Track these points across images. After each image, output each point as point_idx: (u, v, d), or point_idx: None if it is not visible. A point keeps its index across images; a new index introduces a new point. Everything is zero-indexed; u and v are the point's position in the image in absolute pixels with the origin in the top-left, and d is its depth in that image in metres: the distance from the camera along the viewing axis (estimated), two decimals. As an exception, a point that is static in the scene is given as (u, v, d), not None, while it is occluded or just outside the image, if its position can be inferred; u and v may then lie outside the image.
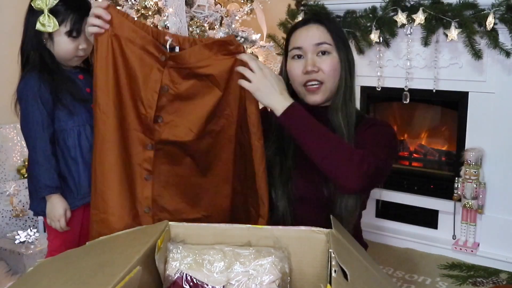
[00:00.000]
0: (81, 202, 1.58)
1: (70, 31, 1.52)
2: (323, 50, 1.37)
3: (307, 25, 1.41)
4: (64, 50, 1.54)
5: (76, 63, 1.61)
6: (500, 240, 2.37)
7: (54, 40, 1.54)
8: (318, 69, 1.36)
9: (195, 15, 2.52)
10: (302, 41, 1.38)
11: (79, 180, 1.58)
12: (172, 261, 1.03)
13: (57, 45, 1.54)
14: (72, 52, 1.55)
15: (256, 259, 1.00)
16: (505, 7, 2.13)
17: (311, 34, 1.38)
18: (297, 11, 2.64)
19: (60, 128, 1.57)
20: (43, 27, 1.51)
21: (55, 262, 1.03)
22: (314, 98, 1.38)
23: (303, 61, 1.37)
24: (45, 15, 1.49)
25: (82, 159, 1.57)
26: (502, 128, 2.34)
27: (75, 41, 1.54)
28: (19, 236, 2.32)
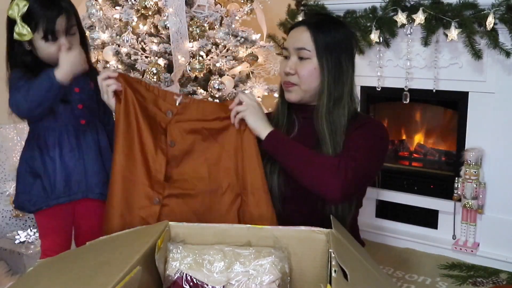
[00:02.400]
0: (54, 202, 1.57)
1: (45, 36, 1.46)
2: (301, 56, 1.41)
3: (298, 27, 1.45)
4: (46, 55, 1.49)
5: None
6: (500, 240, 2.37)
7: (35, 45, 1.49)
8: (295, 72, 1.42)
9: (195, 15, 2.52)
10: (288, 43, 1.46)
11: (54, 180, 1.55)
12: (172, 261, 1.04)
13: (39, 51, 1.50)
14: (55, 55, 1.48)
15: (256, 259, 1.00)
16: (505, 7, 2.13)
17: (296, 37, 1.43)
18: (297, 11, 2.64)
19: (42, 125, 1.56)
20: (20, 37, 1.45)
21: (55, 262, 1.03)
22: (288, 96, 1.47)
23: (287, 61, 1.45)
24: (18, 24, 1.43)
25: (60, 159, 1.55)
26: (502, 128, 2.34)
27: (54, 44, 1.48)
28: (19, 236, 2.32)
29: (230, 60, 2.60)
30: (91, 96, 1.62)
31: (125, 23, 2.44)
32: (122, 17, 2.37)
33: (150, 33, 2.56)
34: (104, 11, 2.53)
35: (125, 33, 2.40)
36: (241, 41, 2.58)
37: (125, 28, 2.45)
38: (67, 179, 1.58)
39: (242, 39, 2.57)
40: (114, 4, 2.56)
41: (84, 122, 1.61)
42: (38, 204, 1.57)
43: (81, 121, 1.60)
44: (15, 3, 1.42)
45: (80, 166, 1.59)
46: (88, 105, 1.62)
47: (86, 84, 1.62)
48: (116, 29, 2.52)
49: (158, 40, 2.51)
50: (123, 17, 2.37)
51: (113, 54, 2.42)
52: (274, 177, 1.43)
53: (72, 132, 1.57)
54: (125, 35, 2.38)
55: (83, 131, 1.60)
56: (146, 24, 2.55)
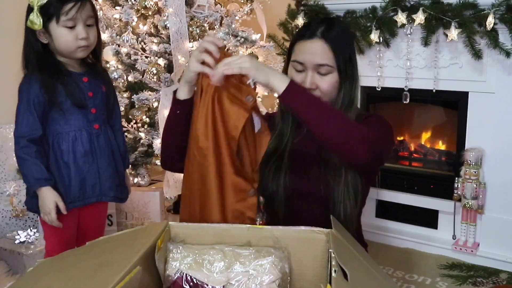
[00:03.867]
0: (70, 206, 1.56)
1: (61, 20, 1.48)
2: (322, 72, 1.36)
3: (312, 39, 1.36)
4: (63, 43, 1.51)
5: (82, 55, 1.57)
6: (500, 240, 2.37)
7: (52, 34, 1.50)
8: (317, 86, 1.37)
9: (195, 15, 2.52)
10: (304, 57, 1.37)
11: (69, 185, 1.56)
12: (172, 261, 1.03)
13: (56, 39, 1.51)
14: (72, 43, 1.51)
15: (256, 259, 1.00)
16: (505, 7, 2.13)
17: (314, 52, 1.36)
18: (297, 11, 2.64)
19: (55, 131, 1.56)
20: (31, 24, 1.48)
21: (55, 262, 1.03)
22: None
23: (303, 75, 1.38)
24: (34, 12, 1.46)
25: (75, 164, 1.56)
26: (502, 128, 2.34)
27: (72, 31, 1.50)
28: (19, 236, 2.32)
29: (230, 60, 2.59)
30: (103, 100, 1.64)
31: (125, 23, 2.45)
32: (122, 17, 2.38)
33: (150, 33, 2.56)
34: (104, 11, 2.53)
35: (125, 33, 2.40)
36: (241, 41, 2.58)
37: (125, 28, 2.45)
38: (81, 184, 1.58)
39: (242, 39, 2.57)
40: (114, 4, 2.56)
41: (98, 126, 1.61)
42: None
43: (94, 125, 1.60)
44: None
45: (94, 170, 1.60)
46: (100, 109, 1.63)
47: (98, 87, 1.63)
48: (116, 29, 2.53)
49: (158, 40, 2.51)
50: (123, 17, 2.37)
51: (113, 54, 2.42)
52: (280, 178, 1.42)
53: (85, 136, 1.57)
54: (125, 35, 2.39)
55: (96, 135, 1.60)
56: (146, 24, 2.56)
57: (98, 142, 1.60)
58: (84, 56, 1.59)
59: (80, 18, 1.49)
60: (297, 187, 1.41)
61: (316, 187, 1.39)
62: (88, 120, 1.58)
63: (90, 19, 1.54)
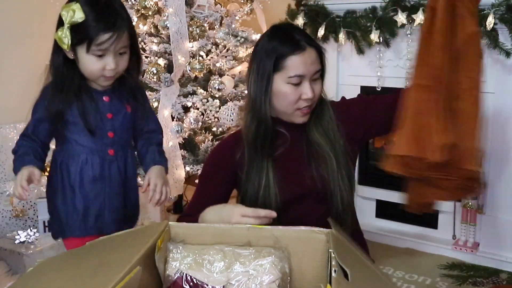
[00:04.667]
0: (68, 234, 1.46)
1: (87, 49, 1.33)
2: (316, 77, 1.40)
3: (306, 50, 1.36)
4: (88, 70, 1.37)
5: (105, 84, 1.42)
6: (500, 240, 2.37)
7: (78, 57, 1.36)
8: (314, 94, 1.39)
9: (195, 15, 2.52)
10: (306, 69, 1.36)
11: (72, 210, 1.44)
12: (172, 261, 1.04)
13: (81, 64, 1.37)
14: (98, 72, 1.37)
15: (256, 259, 1.00)
16: (505, 7, 2.12)
17: (312, 61, 1.37)
18: (297, 11, 2.64)
19: (66, 150, 1.45)
20: (58, 41, 1.34)
21: (55, 262, 1.03)
22: (303, 119, 1.43)
23: (299, 88, 1.37)
24: (64, 30, 1.31)
25: (80, 189, 1.44)
26: (502, 128, 2.34)
27: (101, 60, 1.35)
28: (19, 236, 2.32)
29: (230, 60, 2.61)
30: (125, 123, 1.49)
31: (125, 23, 2.44)
32: (122, 17, 2.37)
33: (150, 33, 2.56)
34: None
35: (125, 33, 2.40)
36: (241, 41, 2.58)
37: (125, 28, 2.44)
38: (85, 212, 1.45)
39: (242, 39, 2.57)
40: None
41: (113, 152, 1.46)
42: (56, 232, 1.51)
43: (109, 150, 1.45)
44: (72, 8, 1.30)
45: (100, 199, 1.46)
46: (120, 133, 1.47)
47: (121, 108, 1.48)
48: (116, 29, 2.52)
49: (158, 40, 2.51)
50: (123, 17, 2.36)
51: (113, 54, 2.42)
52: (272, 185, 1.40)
53: (97, 161, 1.43)
54: (125, 35, 2.38)
55: (109, 161, 1.45)
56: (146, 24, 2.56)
57: (110, 169, 1.45)
58: (106, 85, 1.44)
59: (112, 50, 1.34)
60: (293, 192, 1.41)
61: (312, 183, 1.41)
62: (103, 144, 1.44)
63: (123, 48, 1.38)
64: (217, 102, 2.51)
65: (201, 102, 2.48)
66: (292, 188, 1.41)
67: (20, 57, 2.71)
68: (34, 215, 2.55)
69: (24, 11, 2.73)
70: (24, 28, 2.72)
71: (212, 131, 2.58)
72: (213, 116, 2.52)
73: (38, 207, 2.44)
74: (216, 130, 2.58)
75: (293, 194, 1.41)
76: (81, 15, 1.29)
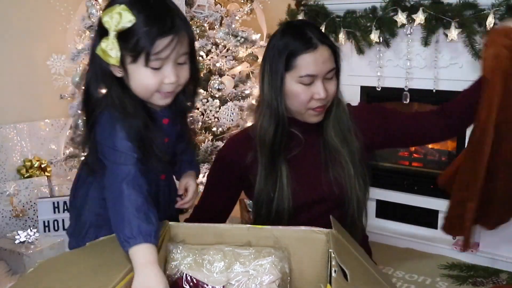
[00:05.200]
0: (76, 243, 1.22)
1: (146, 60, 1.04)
2: (330, 77, 1.34)
3: (318, 48, 1.31)
4: (142, 87, 1.08)
5: (161, 103, 1.13)
6: (500, 240, 2.37)
7: (129, 73, 1.07)
8: (327, 93, 1.34)
9: (195, 15, 2.52)
10: (318, 69, 1.31)
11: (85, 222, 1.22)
12: (172, 261, 1.04)
13: (133, 80, 1.08)
14: (154, 88, 1.08)
15: (256, 259, 1.00)
16: (505, 7, 2.12)
17: (325, 60, 1.32)
18: (297, 11, 2.64)
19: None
20: (103, 55, 1.04)
21: (55, 262, 1.03)
22: (318, 119, 1.38)
23: (311, 87, 1.32)
24: (109, 40, 1.02)
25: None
26: (502, 128, 2.34)
27: (158, 74, 1.06)
28: (19, 236, 2.32)
29: (230, 60, 2.60)
30: (174, 142, 1.27)
31: (125, 23, 2.44)
32: (122, 17, 2.37)
33: (150, 33, 2.56)
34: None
35: (125, 33, 2.39)
36: (241, 41, 2.58)
37: (125, 28, 2.44)
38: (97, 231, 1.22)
39: (242, 39, 2.57)
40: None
41: (164, 177, 1.26)
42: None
43: (161, 176, 1.25)
44: (116, 12, 1.02)
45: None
46: (170, 155, 1.26)
47: (175, 128, 1.24)
48: (116, 29, 2.52)
49: (158, 40, 2.51)
50: (123, 17, 2.36)
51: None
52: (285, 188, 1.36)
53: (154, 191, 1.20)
54: (125, 35, 2.38)
55: (163, 187, 1.27)
56: (146, 24, 2.55)
57: (164, 196, 1.27)
58: (163, 104, 1.13)
59: (171, 58, 1.06)
60: (308, 196, 1.37)
61: (329, 190, 1.37)
62: (159, 171, 1.22)
63: (182, 57, 1.10)
64: (217, 102, 2.51)
65: (201, 102, 2.48)
66: (308, 192, 1.38)
67: (20, 57, 2.71)
68: (34, 215, 2.55)
69: (24, 11, 2.73)
70: (24, 28, 2.72)
71: (212, 131, 2.58)
72: (213, 116, 2.52)
73: (38, 207, 2.44)
74: (216, 130, 2.58)
75: (308, 198, 1.38)
76: (131, 18, 1.01)
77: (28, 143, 2.72)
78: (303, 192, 1.37)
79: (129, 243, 0.93)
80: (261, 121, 1.36)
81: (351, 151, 1.38)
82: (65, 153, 2.64)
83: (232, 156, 1.45)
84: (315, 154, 1.40)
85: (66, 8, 2.66)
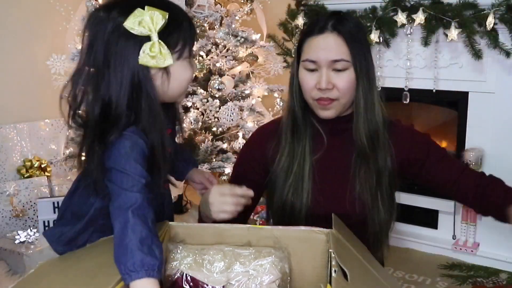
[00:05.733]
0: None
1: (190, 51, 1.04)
2: (337, 68, 1.22)
3: (324, 33, 1.22)
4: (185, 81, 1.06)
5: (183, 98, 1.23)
6: (500, 240, 2.37)
7: (170, 71, 1.02)
8: (333, 86, 1.22)
9: (195, 15, 2.52)
10: (317, 55, 1.22)
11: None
12: (172, 261, 1.03)
13: (175, 78, 1.03)
14: (191, 80, 1.09)
15: (256, 259, 0.99)
16: (505, 7, 2.13)
17: (328, 47, 1.22)
18: (297, 11, 2.64)
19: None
20: (154, 60, 0.98)
21: (56, 263, 1.03)
22: (325, 114, 1.27)
23: (317, 75, 1.23)
24: (154, 44, 0.97)
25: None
26: (502, 128, 2.34)
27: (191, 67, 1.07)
28: (19, 236, 2.32)
29: (230, 60, 2.60)
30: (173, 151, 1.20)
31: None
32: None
33: (150, 33, 2.56)
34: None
35: (125, 33, 2.40)
36: (241, 41, 2.58)
37: (125, 28, 2.45)
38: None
39: (242, 39, 2.57)
40: (114, 4, 2.56)
41: (167, 186, 1.23)
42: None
43: (165, 185, 1.20)
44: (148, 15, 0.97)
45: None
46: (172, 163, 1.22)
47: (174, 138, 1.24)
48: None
49: (158, 40, 2.51)
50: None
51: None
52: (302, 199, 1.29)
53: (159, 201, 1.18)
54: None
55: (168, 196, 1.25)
56: (146, 24, 2.55)
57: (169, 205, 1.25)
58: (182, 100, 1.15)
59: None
60: (326, 209, 1.22)
61: (351, 208, 1.27)
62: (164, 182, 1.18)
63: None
64: (217, 102, 2.51)
65: (201, 102, 2.48)
66: (327, 206, 1.27)
67: (20, 57, 2.71)
68: (34, 215, 2.55)
69: (24, 11, 2.73)
70: (24, 28, 2.72)
71: (212, 131, 2.58)
72: (213, 116, 2.52)
73: (38, 207, 2.44)
74: (216, 130, 2.58)
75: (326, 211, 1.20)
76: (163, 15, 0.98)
77: (28, 143, 2.72)
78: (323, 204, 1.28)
79: (130, 276, 0.89)
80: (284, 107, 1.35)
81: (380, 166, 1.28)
82: (65, 153, 2.64)
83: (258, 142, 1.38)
84: (342, 162, 1.30)
85: (66, 8, 2.66)
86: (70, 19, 2.66)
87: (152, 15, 0.97)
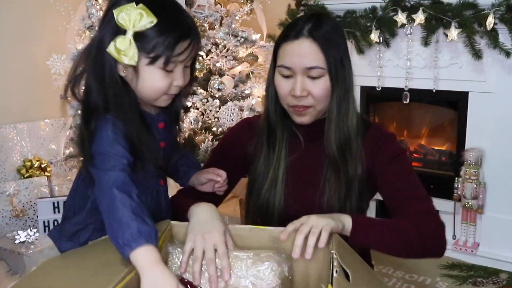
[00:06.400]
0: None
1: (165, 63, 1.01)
2: (312, 75, 1.19)
3: (299, 39, 1.19)
4: (151, 88, 1.04)
5: (164, 104, 1.11)
6: (500, 240, 2.37)
7: (140, 74, 1.03)
8: (308, 93, 1.20)
9: (195, 15, 2.52)
10: (291, 62, 1.19)
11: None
12: (172, 264, 1.03)
13: (142, 80, 1.03)
14: (164, 90, 1.05)
15: (255, 264, 0.99)
16: (505, 7, 2.13)
17: (303, 54, 1.18)
18: (297, 11, 2.64)
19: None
20: (117, 54, 0.99)
21: (57, 262, 1.03)
22: (301, 120, 1.25)
23: (292, 81, 1.21)
24: (126, 39, 0.98)
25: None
26: (502, 128, 2.34)
27: (169, 76, 1.04)
28: (19, 236, 2.32)
29: (230, 60, 2.60)
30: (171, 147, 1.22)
31: (125, 23, 2.44)
32: (122, 17, 2.37)
33: (150, 33, 2.56)
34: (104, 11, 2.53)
35: (125, 33, 2.40)
36: (241, 41, 2.58)
37: (125, 28, 2.45)
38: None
39: (242, 39, 2.57)
40: (114, 4, 2.56)
41: (163, 182, 1.22)
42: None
43: (160, 181, 1.20)
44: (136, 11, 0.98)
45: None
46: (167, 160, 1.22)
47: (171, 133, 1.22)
48: (116, 29, 2.52)
49: (158, 40, 2.51)
50: (123, 17, 2.37)
51: (113, 54, 2.42)
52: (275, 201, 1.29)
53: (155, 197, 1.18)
54: (125, 35, 2.38)
55: (164, 192, 1.22)
56: (146, 24, 2.55)
57: (166, 201, 1.22)
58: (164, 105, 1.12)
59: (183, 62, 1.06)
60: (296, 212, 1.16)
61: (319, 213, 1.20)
62: (158, 177, 1.19)
63: (190, 60, 1.09)
64: (217, 102, 2.51)
65: (201, 102, 2.48)
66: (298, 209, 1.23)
67: (20, 57, 2.71)
68: (34, 215, 2.55)
69: (24, 11, 2.73)
70: (24, 28, 2.72)
71: (212, 131, 2.58)
72: (213, 116, 2.52)
73: (38, 207, 2.44)
74: (216, 130, 2.58)
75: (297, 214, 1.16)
76: (152, 19, 0.98)
77: (28, 143, 2.72)
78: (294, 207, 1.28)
79: (130, 246, 0.89)
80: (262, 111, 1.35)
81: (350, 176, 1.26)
82: (65, 153, 2.64)
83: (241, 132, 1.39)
84: (316, 166, 1.28)
85: (66, 8, 2.66)
86: (70, 19, 2.66)
87: (142, 15, 0.98)
